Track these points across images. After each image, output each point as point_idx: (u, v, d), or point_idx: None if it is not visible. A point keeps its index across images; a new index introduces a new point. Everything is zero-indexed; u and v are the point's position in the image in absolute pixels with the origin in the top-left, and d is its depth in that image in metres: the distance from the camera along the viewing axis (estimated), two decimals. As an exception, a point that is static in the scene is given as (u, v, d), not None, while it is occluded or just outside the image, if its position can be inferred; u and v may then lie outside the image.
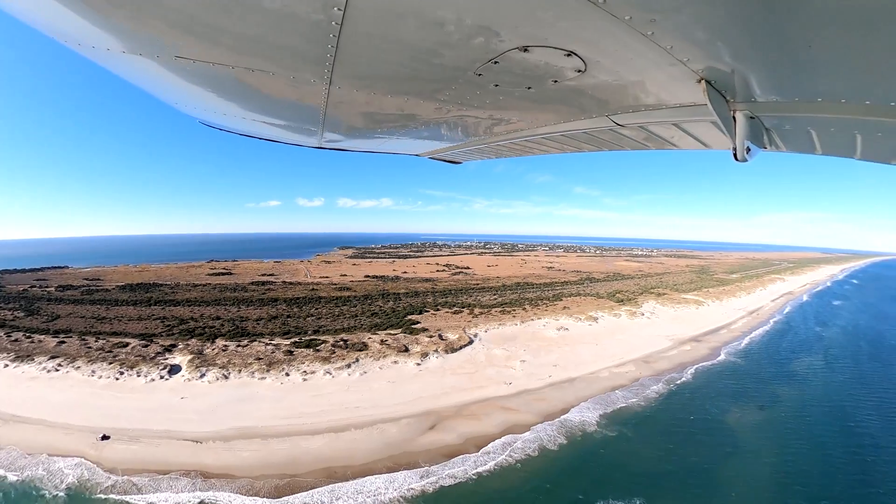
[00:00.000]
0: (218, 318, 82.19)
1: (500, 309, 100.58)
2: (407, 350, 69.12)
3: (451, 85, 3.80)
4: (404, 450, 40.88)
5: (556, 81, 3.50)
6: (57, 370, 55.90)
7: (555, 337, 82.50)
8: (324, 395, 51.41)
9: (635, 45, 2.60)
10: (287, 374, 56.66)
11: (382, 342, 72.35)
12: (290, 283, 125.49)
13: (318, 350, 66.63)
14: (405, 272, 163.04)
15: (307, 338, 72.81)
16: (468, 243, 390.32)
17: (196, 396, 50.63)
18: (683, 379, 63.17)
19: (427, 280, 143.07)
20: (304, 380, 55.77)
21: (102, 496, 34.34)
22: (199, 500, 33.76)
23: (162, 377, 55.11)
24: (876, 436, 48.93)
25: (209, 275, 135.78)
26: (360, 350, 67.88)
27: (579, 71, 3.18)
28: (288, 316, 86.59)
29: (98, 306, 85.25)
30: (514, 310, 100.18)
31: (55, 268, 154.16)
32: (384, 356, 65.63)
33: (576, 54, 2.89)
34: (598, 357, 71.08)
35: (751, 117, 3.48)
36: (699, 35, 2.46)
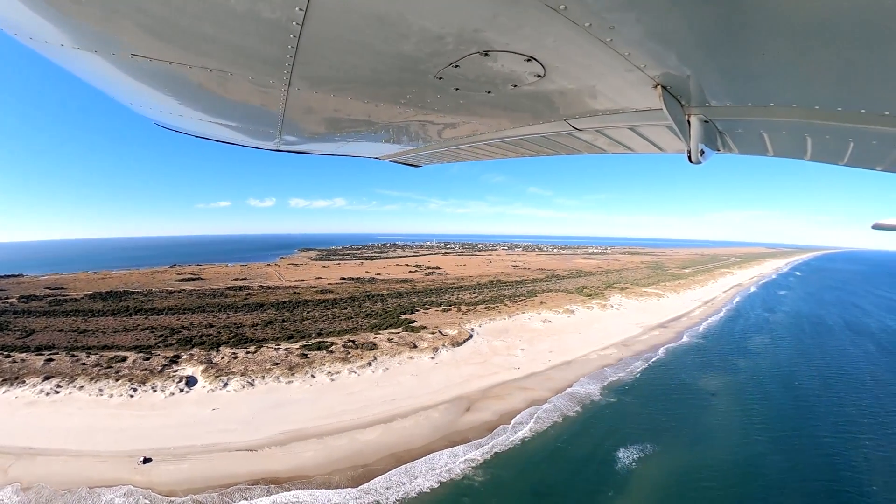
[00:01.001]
0: (210, 325, 79.46)
1: (484, 306, 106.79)
2: (416, 346, 72.72)
3: (412, 88, 3.82)
4: (453, 430, 45.44)
5: (515, 86, 3.55)
6: (57, 392, 51.97)
7: (541, 328, 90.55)
8: (357, 393, 53.80)
9: (594, 51, 2.69)
10: (313, 377, 57.94)
11: (390, 340, 75.22)
12: (269, 288, 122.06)
13: (331, 352, 68.00)
14: (379, 273, 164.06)
15: (314, 341, 73.46)
16: (429, 243, 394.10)
17: (227, 406, 50.11)
18: (657, 357, 74.64)
19: (404, 281, 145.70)
20: (332, 380, 57.51)
21: (172, 521, 32.39)
22: (283, 505, 33.34)
23: (181, 390, 53.64)
24: (816, 389, 63.49)
25: (179, 280, 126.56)
26: (372, 349, 70.30)
27: (539, 76, 3.25)
28: (283, 321, 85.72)
29: (73, 318, 77.37)
30: (497, 306, 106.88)
31: (9, 276, 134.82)
32: (398, 353, 68.78)
33: (535, 59, 2.96)
34: (584, 343, 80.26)
35: (705, 121, 3.61)
36: (656, 42, 2.57)
